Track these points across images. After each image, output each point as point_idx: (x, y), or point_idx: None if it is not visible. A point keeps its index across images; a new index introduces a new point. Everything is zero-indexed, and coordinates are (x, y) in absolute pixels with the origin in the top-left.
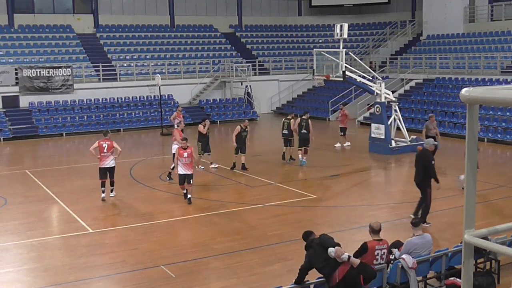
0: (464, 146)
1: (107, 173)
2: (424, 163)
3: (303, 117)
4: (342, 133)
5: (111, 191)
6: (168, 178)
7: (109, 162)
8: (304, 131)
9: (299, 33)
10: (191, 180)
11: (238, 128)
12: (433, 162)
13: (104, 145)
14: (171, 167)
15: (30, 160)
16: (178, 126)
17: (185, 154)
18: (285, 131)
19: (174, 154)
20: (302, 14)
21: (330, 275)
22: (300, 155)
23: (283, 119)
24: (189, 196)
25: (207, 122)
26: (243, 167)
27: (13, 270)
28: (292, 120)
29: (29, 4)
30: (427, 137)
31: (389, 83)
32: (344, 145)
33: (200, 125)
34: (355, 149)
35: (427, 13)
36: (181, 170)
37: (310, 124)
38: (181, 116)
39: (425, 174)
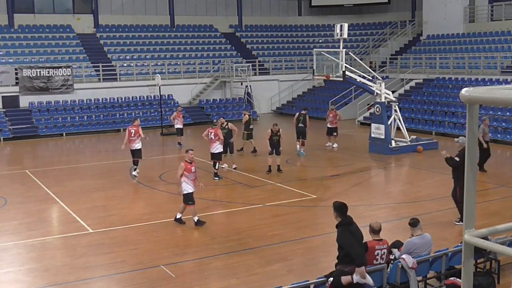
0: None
1: (135, 154)
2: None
3: (302, 112)
4: (335, 134)
5: (135, 169)
6: (218, 178)
7: (135, 145)
8: (301, 125)
9: (299, 33)
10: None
11: (269, 132)
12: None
13: (131, 131)
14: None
15: (30, 160)
16: (215, 125)
17: (193, 169)
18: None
19: (213, 153)
20: (302, 14)
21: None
22: (298, 146)
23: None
24: (197, 218)
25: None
26: (278, 169)
27: (13, 270)
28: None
29: (29, 4)
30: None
31: (389, 83)
32: (334, 146)
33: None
34: (355, 149)
35: (427, 13)
36: (190, 188)
37: (307, 119)
38: (181, 116)
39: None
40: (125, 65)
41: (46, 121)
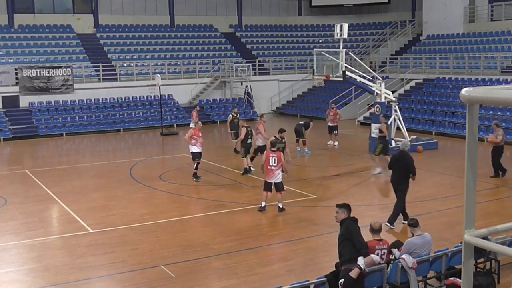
0: (464, 146)
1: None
2: (408, 164)
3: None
4: (335, 132)
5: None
6: (195, 179)
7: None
8: (300, 122)
9: (299, 33)
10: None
11: (272, 138)
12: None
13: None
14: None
15: (30, 160)
16: (195, 125)
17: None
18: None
19: (193, 153)
20: (302, 14)
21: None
22: (299, 147)
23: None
24: (280, 205)
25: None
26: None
27: (13, 270)
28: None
29: (29, 4)
30: None
31: (389, 83)
32: (335, 144)
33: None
34: (355, 149)
35: (427, 13)
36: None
37: (310, 127)
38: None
39: (406, 175)
40: (125, 65)
41: (46, 121)
